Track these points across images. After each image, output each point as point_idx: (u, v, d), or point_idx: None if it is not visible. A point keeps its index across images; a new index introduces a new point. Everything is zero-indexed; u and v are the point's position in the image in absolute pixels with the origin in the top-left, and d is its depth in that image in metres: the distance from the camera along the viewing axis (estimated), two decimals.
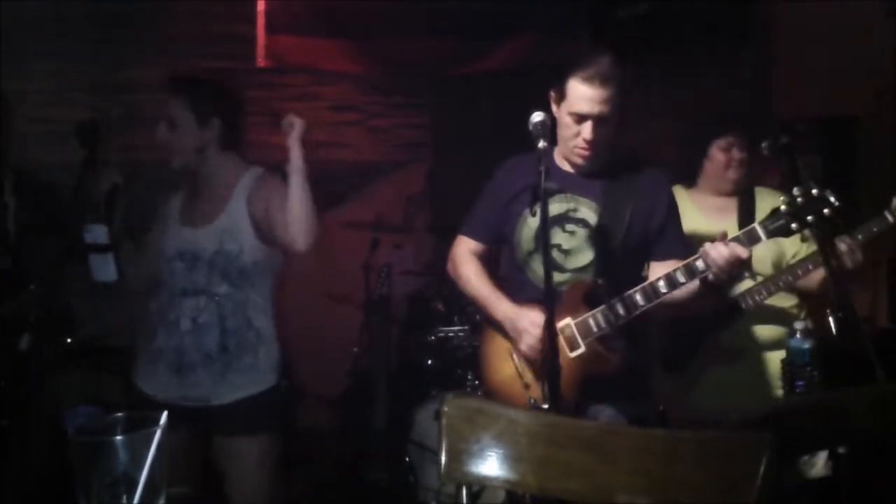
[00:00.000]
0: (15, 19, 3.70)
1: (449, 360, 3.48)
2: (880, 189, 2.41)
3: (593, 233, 2.13)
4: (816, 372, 2.01)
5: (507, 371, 2.18)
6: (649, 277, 2.12)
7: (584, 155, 2.12)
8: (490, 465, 1.20)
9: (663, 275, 2.04)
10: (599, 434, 1.21)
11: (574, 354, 2.07)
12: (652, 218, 2.17)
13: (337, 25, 4.27)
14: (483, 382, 2.34)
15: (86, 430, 0.99)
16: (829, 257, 1.97)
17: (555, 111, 2.12)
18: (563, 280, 2.11)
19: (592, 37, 4.48)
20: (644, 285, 2.06)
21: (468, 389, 3.25)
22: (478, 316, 2.38)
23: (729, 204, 2.62)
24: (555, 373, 1.68)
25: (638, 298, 2.05)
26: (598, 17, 4.54)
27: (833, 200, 1.91)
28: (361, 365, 4.09)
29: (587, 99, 2.03)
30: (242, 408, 2.13)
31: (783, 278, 2.49)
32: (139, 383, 2.21)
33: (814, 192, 1.92)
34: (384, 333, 4.14)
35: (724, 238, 2.00)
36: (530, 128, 1.85)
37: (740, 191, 2.62)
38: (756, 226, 2.00)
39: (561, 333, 2.04)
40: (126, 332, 3.36)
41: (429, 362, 3.57)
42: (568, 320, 2.08)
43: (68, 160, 2.02)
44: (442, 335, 3.54)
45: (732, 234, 2.04)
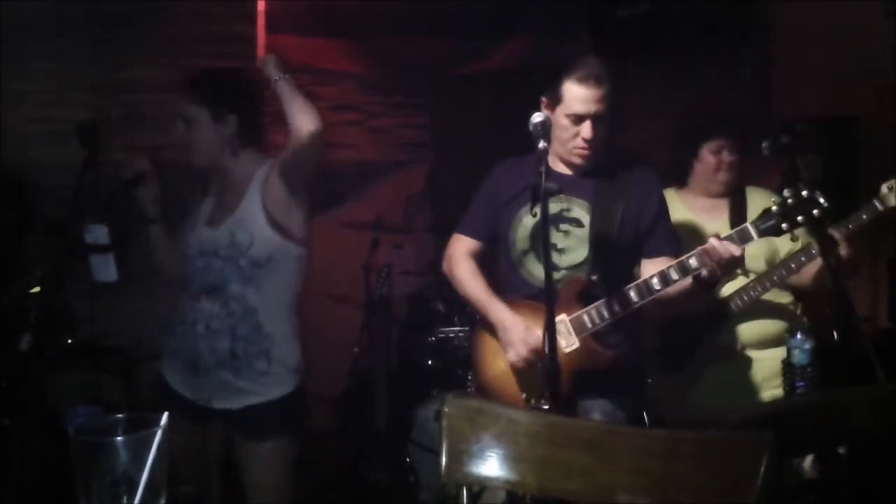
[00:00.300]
0: (15, 19, 3.69)
1: (449, 361, 3.48)
2: (880, 189, 2.41)
3: (586, 232, 2.17)
4: (816, 372, 2.02)
5: (499, 367, 2.22)
6: (641, 275, 2.17)
7: (584, 155, 2.17)
8: (490, 466, 1.20)
9: (657, 272, 2.08)
10: (599, 434, 1.21)
11: (568, 350, 2.11)
12: (642, 216, 2.21)
13: (337, 25, 4.26)
14: (475, 378, 2.37)
15: (86, 430, 0.99)
16: (829, 255, 1.98)
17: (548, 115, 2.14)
18: (558, 277, 2.15)
19: (592, 37, 4.48)
20: (638, 282, 2.11)
21: (468, 390, 3.25)
22: (477, 316, 2.39)
23: (720, 204, 2.62)
24: (554, 373, 1.68)
25: (632, 295, 2.10)
26: (598, 17, 4.54)
27: (822, 201, 1.96)
28: (361, 365, 4.09)
29: (584, 99, 2.09)
30: (255, 413, 2.12)
31: (777, 273, 2.49)
32: (165, 375, 2.23)
33: (804, 193, 1.97)
34: (384, 333, 4.14)
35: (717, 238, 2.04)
36: (530, 128, 1.87)
37: (731, 191, 2.62)
38: (748, 225, 2.04)
39: None
40: (126, 332, 3.37)
41: (429, 362, 3.57)
42: (563, 316, 2.12)
43: (68, 160, 2.01)
44: (442, 335, 3.55)
45: (724, 235, 2.07)
